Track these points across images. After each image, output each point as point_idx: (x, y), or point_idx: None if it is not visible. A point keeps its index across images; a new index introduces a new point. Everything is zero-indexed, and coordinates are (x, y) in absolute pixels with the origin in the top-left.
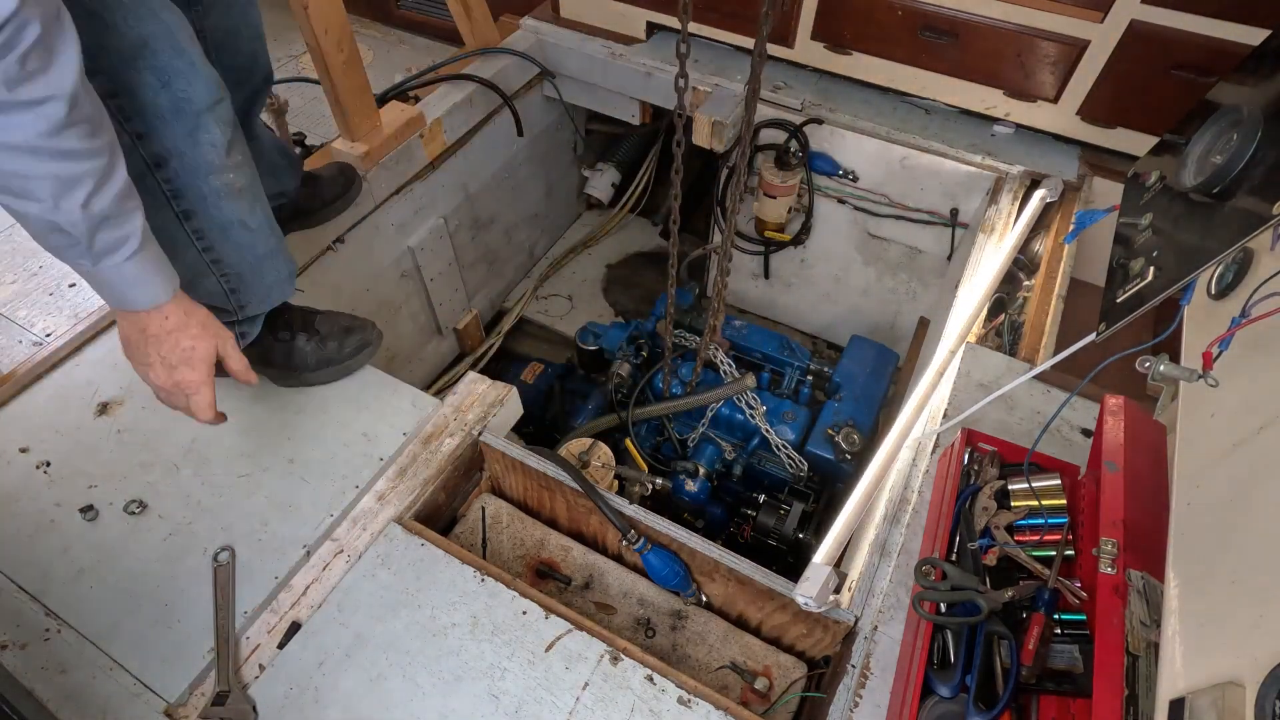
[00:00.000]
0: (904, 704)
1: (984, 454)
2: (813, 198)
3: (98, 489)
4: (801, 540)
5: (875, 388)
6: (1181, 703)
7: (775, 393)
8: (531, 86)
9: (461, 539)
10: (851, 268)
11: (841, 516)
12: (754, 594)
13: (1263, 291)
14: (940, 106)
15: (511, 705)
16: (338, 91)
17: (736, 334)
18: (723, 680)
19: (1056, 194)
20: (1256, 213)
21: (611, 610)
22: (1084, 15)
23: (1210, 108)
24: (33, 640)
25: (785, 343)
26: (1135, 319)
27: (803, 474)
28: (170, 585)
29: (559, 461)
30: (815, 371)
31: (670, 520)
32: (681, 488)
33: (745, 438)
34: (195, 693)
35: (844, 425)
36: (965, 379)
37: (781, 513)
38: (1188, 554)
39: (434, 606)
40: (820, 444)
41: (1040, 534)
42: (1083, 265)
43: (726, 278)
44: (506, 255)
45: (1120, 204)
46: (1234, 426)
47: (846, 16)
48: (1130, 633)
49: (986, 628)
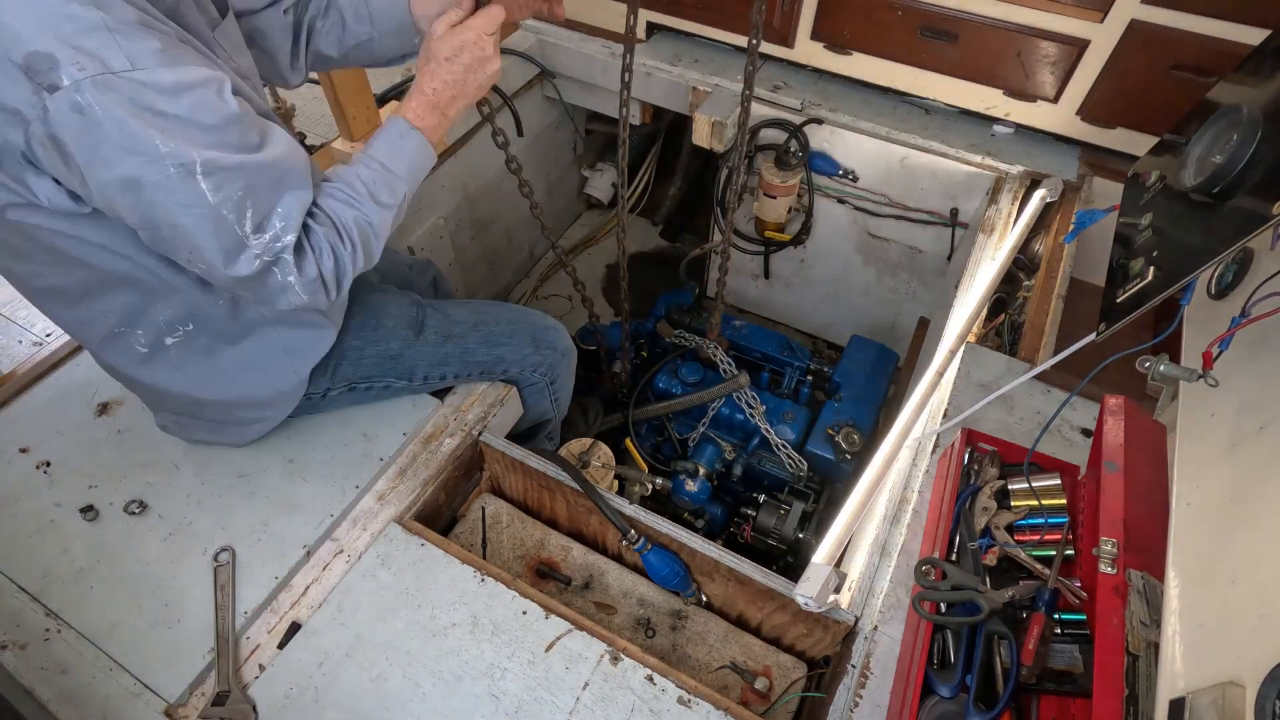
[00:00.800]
0: (904, 704)
1: (984, 454)
2: (813, 198)
3: (98, 489)
4: (801, 540)
5: (875, 388)
6: (1181, 703)
7: (775, 393)
8: (531, 86)
9: (461, 539)
10: (851, 268)
11: (841, 516)
12: (754, 594)
13: (1263, 291)
14: (940, 106)
15: (511, 705)
16: (337, 91)
17: (736, 334)
18: (723, 680)
19: (1056, 194)
20: (1256, 213)
21: (611, 610)
22: (1084, 15)
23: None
24: (33, 640)
25: (785, 343)
26: (1135, 319)
27: (803, 474)
28: (170, 585)
29: (559, 461)
30: (815, 371)
31: (670, 520)
32: (681, 488)
33: (745, 438)
34: (195, 693)
35: (844, 425)
36: (965, 379)
37: (782, 513)
38: (1188, 554)
39: (434, 606)
40: (820, 444)
41: (1040, 534)
42: (1083, 265)
43: (725, 276)
44: (506, 255)
45: (1120, 204)
46: (1234, 426)
47: (846, 16)
48: (1130, 633)
49: (986, 628)
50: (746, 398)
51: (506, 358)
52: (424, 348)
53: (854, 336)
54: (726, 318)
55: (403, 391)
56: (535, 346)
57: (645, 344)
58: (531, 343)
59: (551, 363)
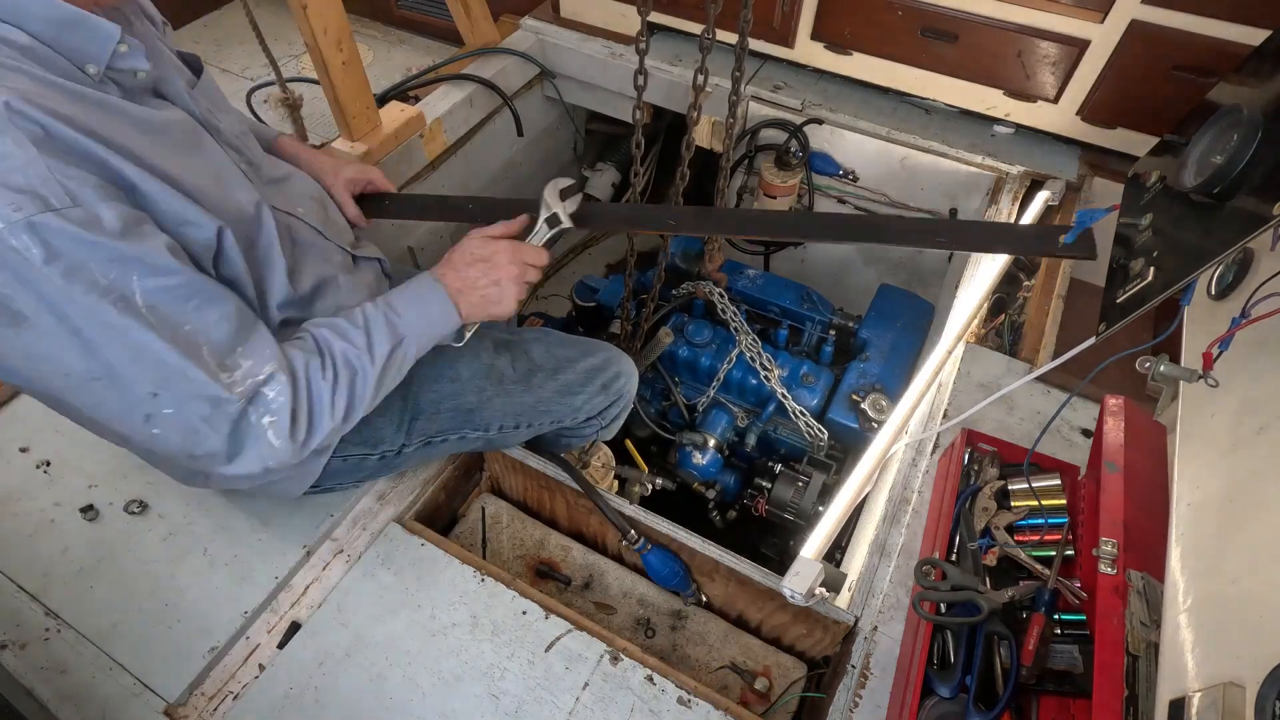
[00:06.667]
0: (904, 704)
1: (984, 454)
2: (813, 198)
3: (98, 489)
4: (821, 515)
5: (907, 345)
6: (1181, 703)
7: (793, 351)
8: (531, 86)
9: (461, 539)
10: (851, 268)
11: (831, 512)
12: (754, 594)
13: (1263, 292)
14: (940, 106)
15: (511, 705)
16: (337, 91)
17: (750, 285)
18: (723, 680)
19: (1058, 197)
20: (1257, 213)
21: (611, 610)
22: (1084, 15)
23: (1210, 108)
24: (33, 640)
25: (805, 293)
26: (1135, 319)
27: (823, 443)
28: (170, 585)
29: (559, 461)
30: (839, 326)
31: (670, 520)
32: (689, 460)
33: (760, 403)
34: (195, 693)
35: (870, 389)
36: (965, 379)
37: (800, 484)
38: (1188, 554)
39: (434, 606)
40: (843, 411)
41: (1040, 534)
42: (1083, 265)
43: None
44: None
45: (1120, 204)
46: (1234, 426)
47: (846, 16)
48: (1130, 633)
49: (986, 628)
50: (762, 359)
51: (579, 408)
52: (501, 399)
53: (882, 285)
54: (738, 265)
55: (476, 443)
56: (604, 394)
57: (647, 298)
58: (602, 390)
59: (616, 412)
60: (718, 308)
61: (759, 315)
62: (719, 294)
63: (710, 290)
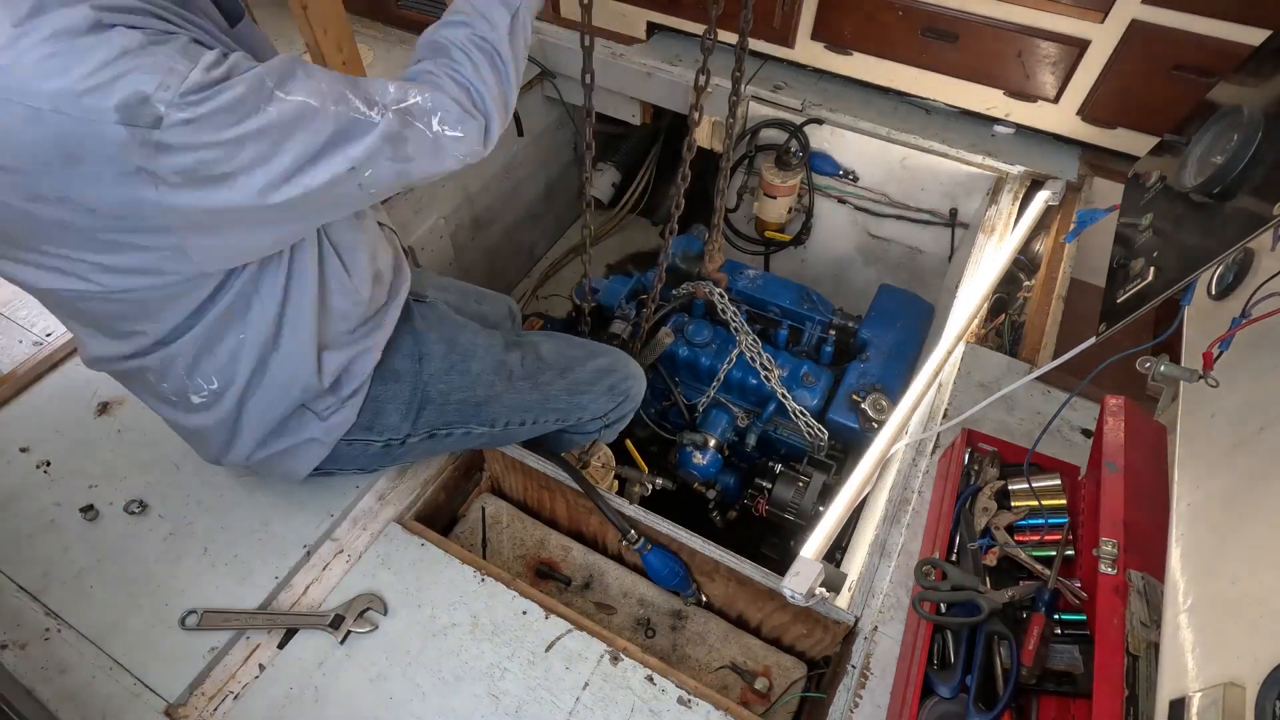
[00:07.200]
0: (904, 704)
1: (984, 454)
2: (813, 198)
3: (98, 489)
4: (822, 515)
5: (907, 345)
6: (1181, 703)
7: (794, 351)
8: (531, 86)
9: (461, 539)
10: (852, 268)
11: (832, 511)
12: (754, 594)
13: (1263, 292)
14: (940, 106)
15: (511, 705)
16: None
17: (750, 285)
18: (723, 680)
19: (1059, 197)
20: (1257, 213)
21: (611, 610)
22: (1084, 15)
23: (1210, 108)
24: (33, 640)
25: (805, 293)
26: (1135, 319)
27: (823, 444)
28: (170, 585)
29: (559, 461)
30: (839, 327)
31: (670, 520)
32: (689, 460)
33: (760, 403)
34: (195, 693)
35: (871, 389)
36: (965, 379)
37: (800, 485)
38: (1188, 554)
39: (434, 606)
40: (843, 411)
41: (1040, 534)
42: (1083, 265)
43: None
44: (506, 255)
45: (1121, 204)
46: (1234, 427)
47: (846, 16)
48: (1130, 633)
49: (986, 628)
50: (762, 359)
51: (586, 407)
52: (509, 395)
53: (883, 285)
54: (738, 265)
55: (481, 439)
56: (611, 395)
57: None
58: (609, 391)
59: (622, 413)
60: (718, 308)
61: (759, 315)
62: (719, 294)
63: (710, 290)
